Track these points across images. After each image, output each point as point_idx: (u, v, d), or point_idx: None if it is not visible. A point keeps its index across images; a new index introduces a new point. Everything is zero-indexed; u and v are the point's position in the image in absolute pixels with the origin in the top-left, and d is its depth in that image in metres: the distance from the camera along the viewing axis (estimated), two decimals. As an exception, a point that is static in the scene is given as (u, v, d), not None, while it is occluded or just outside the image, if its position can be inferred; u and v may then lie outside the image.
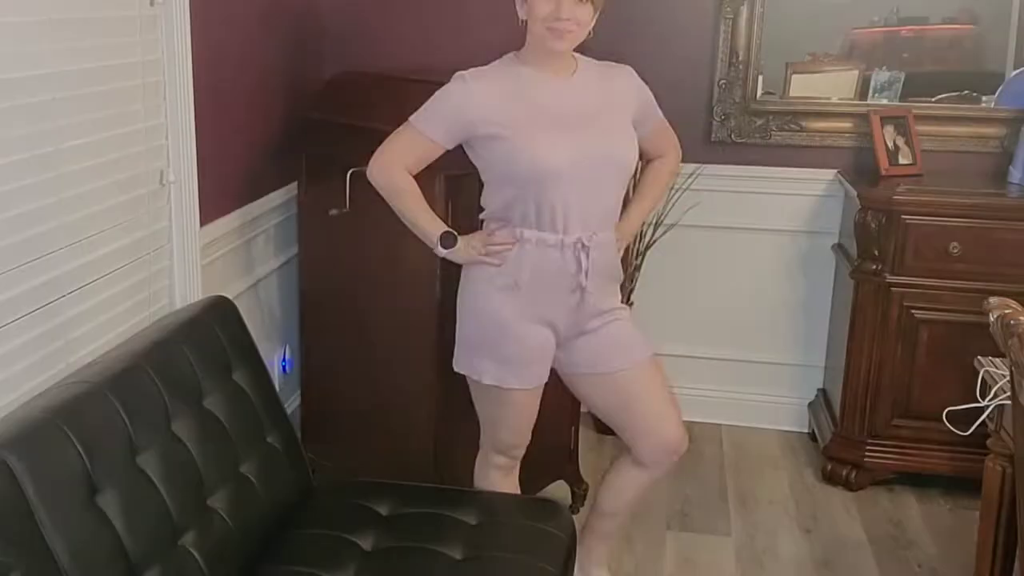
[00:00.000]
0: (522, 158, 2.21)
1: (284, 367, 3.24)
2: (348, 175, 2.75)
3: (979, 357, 2.34)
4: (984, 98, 3.53)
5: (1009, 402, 2.03)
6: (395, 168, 2.32)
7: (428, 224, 2.34)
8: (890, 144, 3.40)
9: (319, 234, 3.00)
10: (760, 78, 3.53)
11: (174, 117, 2.34)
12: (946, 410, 2.58)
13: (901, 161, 3.40)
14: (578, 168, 2.22)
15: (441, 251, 2.33)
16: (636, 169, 2.47)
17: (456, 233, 2.33)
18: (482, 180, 2.36)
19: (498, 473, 2.51)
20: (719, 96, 3.51)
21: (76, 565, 1.61)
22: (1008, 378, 1.88)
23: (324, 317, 3.08)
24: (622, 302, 2.48)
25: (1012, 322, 1.75)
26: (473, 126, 2.25)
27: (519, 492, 2.57)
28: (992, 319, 1.80)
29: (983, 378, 2.28)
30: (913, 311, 3.17)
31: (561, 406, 2.78)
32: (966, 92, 3.54)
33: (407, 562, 2.09)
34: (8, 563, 1.50)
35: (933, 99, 3.54)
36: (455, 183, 2.55)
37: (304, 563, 2.04)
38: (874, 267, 3.18)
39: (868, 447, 3.29)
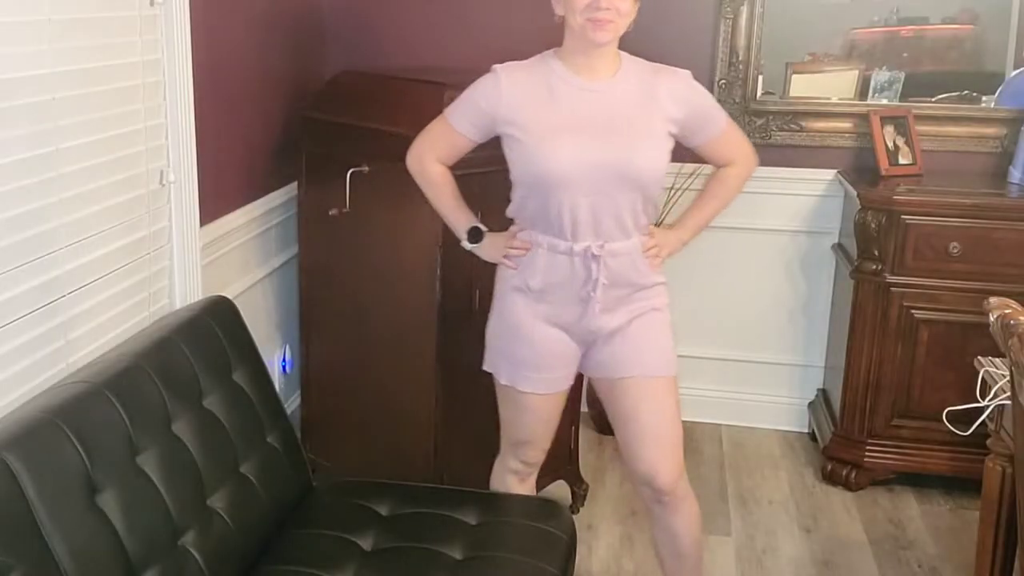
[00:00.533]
0: (531, 160, 2.17)
1: (284, 367, 3.24)
2: (348, 175, 2.75)
3: (979, 357, 2.34)
4: (984, 98, 3.53)
5: (1009, 402, 2.03)
6: (427, 158, 2.32)
7: (457, 217, 2.36)
8: (890, 144, 3.40)
9: (319, 234, 3.00)
10: (760, 78, 3.53)
11: (174, 117, 2.33)
12: (946, 410, 2.58)
13: (901, 161, 3.40)
14: (588, 175, 2.15)
15: (467, 245, 2.35)
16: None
17: (484, 229, 2.34)
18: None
19: (514, 478, 2.49)
20: (719, 96, 3.51)
21: (76, 565, 1.61)
22: (1008, 378, 1.88)
23: (324, 317, 3.08)
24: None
25: (1012, 322, 1.75)
26: (496, 122, 2.21)
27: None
28: (992, 319, 1.80)
29: (983, 378, 2.28)
30: (913, 311, 3.17)
31: (561, 406, 2.78)
32: (966, 92, 3.54)
33: (407, 562, 2.09)
34: (8, 563, 1.50)
35: (933, 99, 3.54)
36: (457, 182, 2.55)
37: (304, 563, 2.04)
38: (874, 267, 3.18)
39: (868, 447, 3.29)
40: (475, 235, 2.33)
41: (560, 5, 2.16)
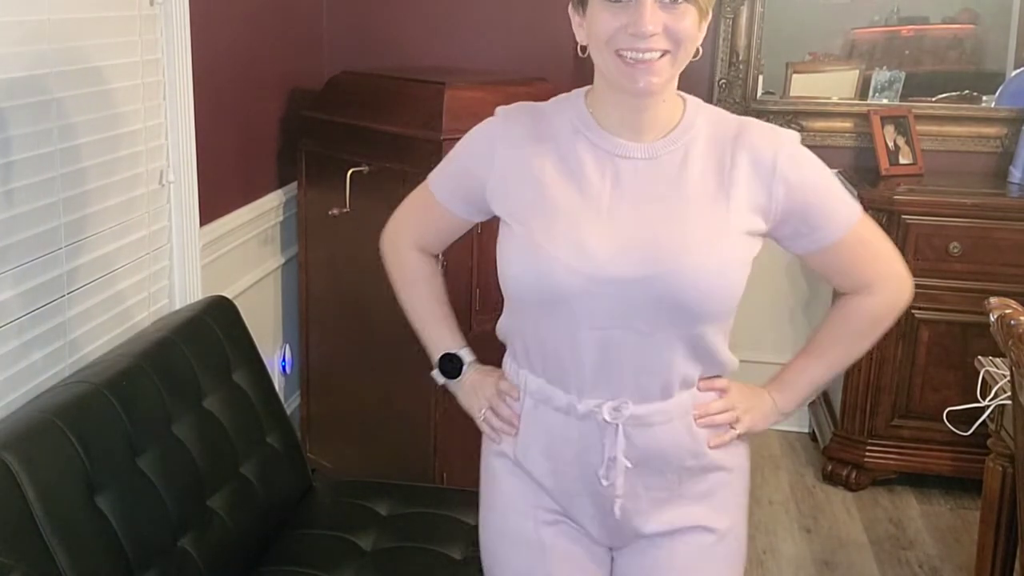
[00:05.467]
0: (521, 261, 1.39)
1: (284, 367, 3.24)
2: (348, 175, 2.75)
3: (979, 357, 2.34)
4: (984, 98, 3.54)
5: (1009, 402, 2.03)
6: (402, 239, 1.64)
7: (432, 334, 1.65)
8: (890, 144, 3.40)
9: (319, 234, 3.00)
10: (760, 78, 3.53)
11: (174, 117, 2.33)
12: (946, 410, 2.58)
13: (901, 161, 3.40)
14: (604, 295, 1.35)
15: (439, 378, 1.63)
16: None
17: (463, 359, 1.61)
18: None
19: None
20: (719, 96, 3.51)
21: (75, 565, 1.61)
22: (1008, 378, 1.88)
23: (324, 317, 3.08)
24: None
25: (1012, 322, 1.75)
26: (485, 196, 1.46)
27: None
28: (992, 319, 1.80)
29: (983, 378, 2.28)
30: (913, 311, 3.17)
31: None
32: (966, 92, 3.55)
33: (407, 562, 2.09)
34: (7, 563, 1.50)
35: (933, 99, 3.54)
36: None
37: (304, 563, 2.04)
38: (874, 267, 3.17)
39: (868, 447, 3.29)
40: (450, 365, 1.61)
41: (581, 31, 1.38)
